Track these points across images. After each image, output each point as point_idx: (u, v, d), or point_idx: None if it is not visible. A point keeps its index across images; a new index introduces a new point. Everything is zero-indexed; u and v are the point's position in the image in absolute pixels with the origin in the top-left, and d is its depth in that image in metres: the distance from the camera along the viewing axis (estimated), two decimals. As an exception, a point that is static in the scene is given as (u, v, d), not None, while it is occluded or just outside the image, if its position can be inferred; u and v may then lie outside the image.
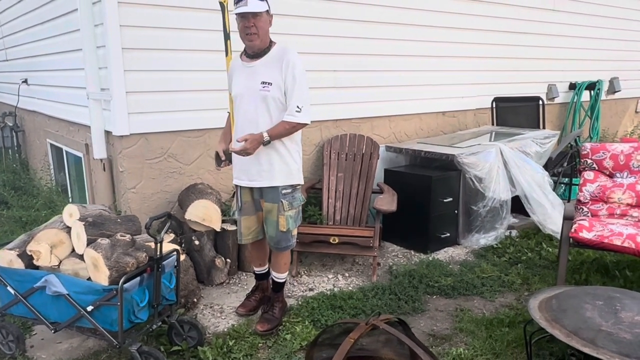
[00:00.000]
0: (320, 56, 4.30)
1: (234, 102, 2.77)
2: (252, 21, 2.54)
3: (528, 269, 3.81)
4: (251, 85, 2.67)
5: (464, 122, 5.61)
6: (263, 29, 2.60)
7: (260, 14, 2.56)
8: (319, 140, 4.48)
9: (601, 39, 6.94)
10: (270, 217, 2.85)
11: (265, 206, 2.85)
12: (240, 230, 2.97)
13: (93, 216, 2.62)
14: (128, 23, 3.30)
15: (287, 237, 2.90)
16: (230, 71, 2.81)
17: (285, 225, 2.83)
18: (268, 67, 2.66)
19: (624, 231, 3.11)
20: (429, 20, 4.96)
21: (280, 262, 3.02)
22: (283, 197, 2.80)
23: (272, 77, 2.64)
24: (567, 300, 2.43)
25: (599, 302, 2.33)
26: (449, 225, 4.27)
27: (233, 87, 2.76)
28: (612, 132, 7.65)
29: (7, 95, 6.45)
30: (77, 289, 2.51)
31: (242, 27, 2.58)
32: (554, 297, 2.55)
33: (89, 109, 3.60)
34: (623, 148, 3.67)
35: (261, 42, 2.64)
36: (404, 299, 3.34)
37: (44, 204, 4.73)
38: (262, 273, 3.21)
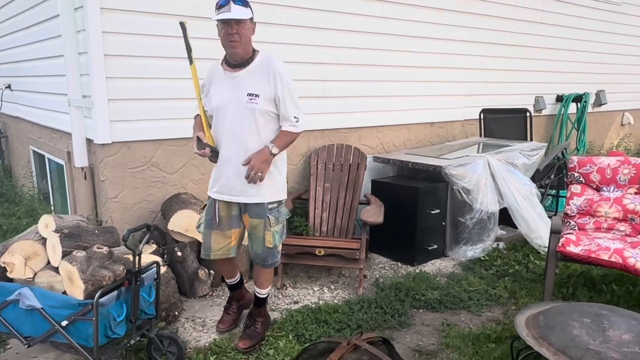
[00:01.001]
0: (307, 65, 4.25)
1: (215, 113, 2.64)
2: (235, 28, 2.43)
3: (515, 282, 3.76)
4: (236, 97, 2.54)
5: (452, 133, 5.59)
6: (246, 37, 2.49)
7: (244, 22, 2.45)
8: (306, 150, 4.41)
9: (588, 52, 6.99)
10: (256, 233, 2.74)
11: (251, 222, 2.72)
12: (209, 245, 2.79)
13: (69, 227, 2.53)
14: (110, 29, 3.22)
15: (273, 254, 2.80)
16: (207, 80, 2.69)
17: (272, 242, 2.73)
18: (254, 78, 2.55)
19: (611, 245, 3.08)
20: (417, 31, 4.94)
21: (262, 278, 2.92)
22: (269, 212, 2.70)
23: (259, 89, 2.53)
24: (555, 317, 2.39)
25: (586, 319, 2.28)
26: (436, 237, 4.22)
27: (213, 97, 2.63)
28: (598, 145, 7.68)
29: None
30: (52, 303, 2.42)
31: (224, 34, 2.46)
32: (542, 313, 2.51)
33: (70, 116, 3.51)
34: (610, 162, 3.65)
35: (244, 51, 2.52)
36: (390, 313, 3.27)
37: (25, 212, 4.62)
38: (234, 284, 3.09)
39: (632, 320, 2.26)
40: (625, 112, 8.17)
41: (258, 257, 2.80)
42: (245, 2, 2.45)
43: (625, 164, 3.58)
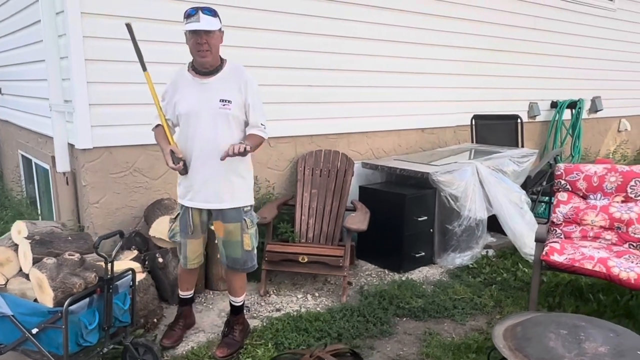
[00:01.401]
0: (295, 71, 4.23)
1: (184, 119, 2.60)
2: (204, 38, 2.45)
3: (502, 290, 3.71)
4: (208, 102, 2.54)
5: (444, 139, 5.55)
6: (215, 47, 2.52)
7: (213, 32, 2.47)
8: (293, 156, 4.38)
9: (583, 58, 6.94)
10: (233, 238, 2.71)
11: (226, 227, 2.69)
12: (186, 254, 2.80)
13: (42, 234, 2.50)
14: (91, 34, 3.20)
15: (252, 256, 2.80)
16: (172, 86, 2.66)
17: (250, 244, 2.75)
18: (224, 85, 2.57)
19: (595, 255, 3.02)
20: (407, 37, 4.91)
21: (237, 285, 2.89)
22: (245, 215, 2.72)
23: (231, 95, 2.56)
24: (532, 328, 2.34)
25: (563, 331, 2.24)
26: (424, 244, 4.17)
27: (180, 103, 2.59)
28: (594, 151, 7.62)
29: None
30: (22, 310, 2.38)
31: (193, 44, 2.47)
32: (520, 324, 2.46)
33: (52, 120, 3.49)
34: (597, 169, 3.60)
35: (213, 59, 2.54)
36: (372, 322, 3.22)
37: (12, 216, 4.59)
38: (187, 298, 3.06)
39: (610, 332, 2.22)
40: (622, 119, 8.11)
41: (237, 263, 2.76)
42: (213, 12, 2.48)
43: (612, 172, 3.53)
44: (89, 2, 3.19)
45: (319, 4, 4.24)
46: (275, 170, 4.32)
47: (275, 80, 4.13)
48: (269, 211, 3.77)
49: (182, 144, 2.63)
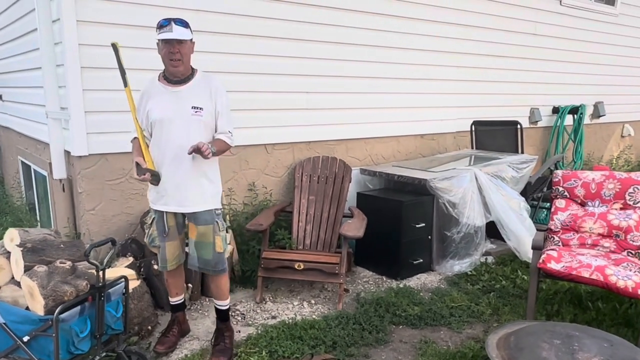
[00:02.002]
0: (293, 77, 4.23)
1: (157, 126, 2.63)
2: (176, 47, 2.52)
3: (500, 298, 3.67)
4: (181, 109, 2.60)
5: (444, 144, 5.52)
6: (187, 56, 2.59)
7: (185, 42, 2.54)
8: (291, 162, 4.37)
9: (585, 64, 6.91)
10: (205, 239, 2.74)
11: (199, 229, 2.73)
12: (165, 257, 2.84)
13: (34, 241, 2.50)
14: (87, 42, 3.22)
15: (223, 259, 2.83)
16: (145, 96, 2.69)
17: (222, 246, 2.79)
18: (196, 92, 2.63)
19: (593, 262, 2.98)
20: (406, 43, 4.90)
21: (221, 288, 2.90)
22: (217, 217, 2.76)
23: (202, 103, 2.62)
24: (525, 338, 2.32)
25: (556, 340, 2.22)
26: (421, 251, 4.14)
27: (153, 111, 2.62)
28: (597, 157, 7.57)
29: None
30: (14, 318, 2.39)
31: (166, 53, 2.54)
32: (513, 333, 2.45)
33: (48, 128, 3.51)
34: (595, 176, 3.57)
35: (185, 68, 2.61)
36: (368, 329, 3.20)
37: (12, 222, 4.61)
38: (179, 303, 3.07)
39: (604, 342, 2.19)
40: (625, 124, 8.06)
41: (208, 264, 2.79)
42: (185, 24, 2.55)
43: (610, 179, 3.50)
44: (85, 11, 3.21)
45: (318, 11, 4.24)
46: (272, 177, 4.32)
47: (272, 87, 4.14)
48: (266, 218, 3.76)
49: (155, 151, 2.66)
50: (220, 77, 3.61)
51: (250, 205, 4.17)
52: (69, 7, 3.16)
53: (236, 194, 4.11)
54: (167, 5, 3.48)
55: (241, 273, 3.85)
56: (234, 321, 3.32)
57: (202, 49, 3.64)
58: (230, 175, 4.07)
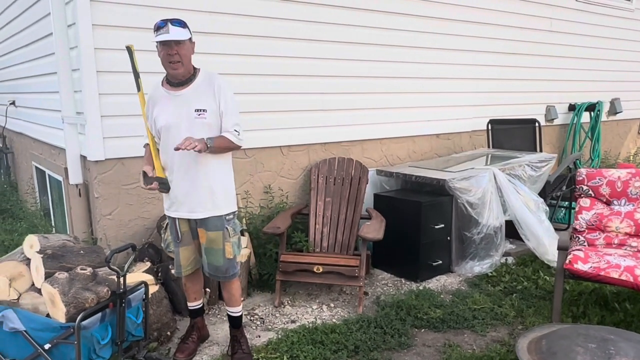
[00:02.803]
0: (307, 78, 4.20)
1: (164, 132, 2.59)
2: (175, 49, 2.45)
3: (523, 299, 3.61)
4: (184, 114, 2.54)
5: (459, 144, 5.47)
6: (186, 57, 2.51)
7: (183, 42, 2.48)
8: (307, 164, 4.34)
9: (601, 60, 6.83)
10: (215, 246, 2.69)
11: (209, 235, 2.68)
12: (179, 262, 2.80)
13: (54, 248, 2.48)
14: (103, 46, 3.21)
15: (233, 264, 2.78)
16: (151, 102, 2.65)
17: (232, 252, 2.73)
18: (199, 94, 2.57)
19: (622, 263, 2.91)
20: (421, 42, 4.86)
21: (233, 295, 2.86)
22: (227, 223, 2.71)
23: (206, 104, 2.55)
24: (558, 342, 2.26)
25: (591, 344, 2.15)
26: (441, 252, 4.09)
27: (160, 117, 2.59)
28: (614, 154, 7.46)
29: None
30: (35, 326, 2.37)
31: (164, 55, 2.48)
32: (544, 337, 2.38)
33: (64, 133, 3.50)
34: (620, 174, 3.50)
35: (185, 70, 2.54)
36: (390, 333, 3.15)
37: (27, 228, 4.61)
38: (197, 309, 3.03)
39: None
40: (642, 120, 7.95)
41: (219, 270, 2.75)
42: (182, 23, 2.49)
43: (636, 177, 3.43)
44: (100, 15, 3.20)
45: (332, 11, 4.22)
46: (288, 179, 4.29)
47: (287, 89, 4.12)
48: (283, 221, 3.72)
49: (163, 157, 2.64)
50: (234, 79, 3.63)
51: (266, 208, 4.14)
52: (85, 11, 3.15)
53: (252, 197, 4.09)
54: (181, 7, 3.47)
55: (258, 277, 3.82)
56: (253, 325, 3.29)
57: (217, 51, 3.65)
58: (246, 178, 4.05)
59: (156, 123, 2.61)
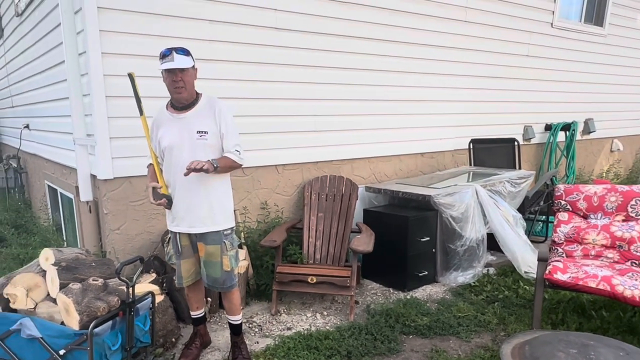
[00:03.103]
0: (301, 101, 4.32)
1: (167, 152, 2.68)
2: (179, 76, 2.54)
3: (505, 307, 3.69)
4: (187, 135, 2.63)
5: (443, 162, 5.59)
6: (190, 83, 2.61)
7: (187, 69, 2.57)
8: (301, 181, 4.44)
9: (576, 82, 7.00)
10: (213, 259, 2.75)
11: (207, 249, 2.74)
12: (180, 274, 2.86)
13: (68, 260, 2.55)
14: (111, 72, 3.31)
15: (231, 277, 2.83)
16: (155, 124, 2.75)
17: (229, 265, 2.78)
18: (201, 117, 2.65)
19: (599, 273, 2.98)
20: (406, 67, 5.00)
21: (233, 303, 2.92)
22: (225, 237, 2.77)
23: (207, 126, 2.64)
24: (541, 347, 2.29)
25: (572, 350, 2.18)
26: (427, 263, 4.18)
27: (163, 138, 2.68)
28: (588, 171, 7.62)
29: (12, 139, 6.50)
30: (50, 333, 2.43)
31: (169, 82, 2.57)
32: (527, 342, 2.41)
33: (76, 153, 3.58)
34: (597, 189, 3.61)
35: (188, 95, 2.63)
36: (380, 339, 3.22)
37: (40, 242, 4.66)
38: (200, 317, 3.09)
39: (620, 351, 2.16)
40: (614, 139, 8.12)
41: (217, 282, 2.79)
42: (186, 52, 2.58)
43: (612, 192, 3.53)
44: (109, 44, 3.31)
45: (324, 39, 4.34)
46: (283, 196, 4.38)
47: (282, 111, 4.22)
48: (278, 234, 3.81)
49: (166, 175, 2.70)
50: (232, 103, 3.74)
51: (263, 222, 4.22)
52: (95, 40, 3.25)
53: (250, 212, 4.17)
54: (184, 36, 3.58)
55: (256, 287, 3.89)
56: (252, 332, 3.35)
57: (216, 77, 3.75)
58: (244, 195, 4.14)
59: (160, 144, 2.69)
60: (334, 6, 4.34)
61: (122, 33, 3.36)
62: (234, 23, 3.83)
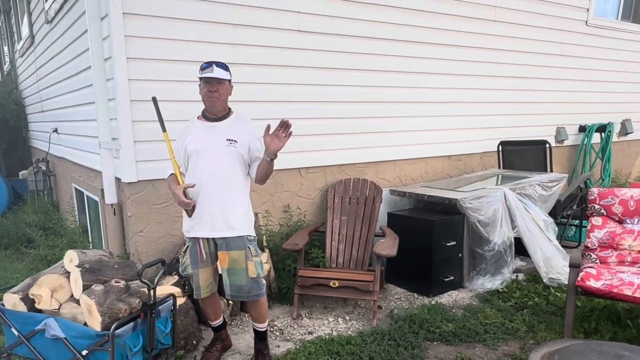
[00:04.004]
0: (324, 104, 4.32)
1: (193, 156, 2.72)
2: (215, 87, 2.65)
3: (534, 315, 3.59)
4: (216, 141, 2.70)
5: (470, 165, 5.50)
6: (224, 95, 2.71)
7: (224, 82, 2.68)
8: (324, 184, 4.44)
9: (612, 82, 6.79)
10: (237, 265, 2.73)
11: (231, 255, 2.73)
12: (198, 284, 2.81)
13: (91, 262, 2.62)
14: (136, 77, 3.38)
15: (258, 285, 2.79)
16: (184, 133, 2.81)
17: (255, 271, 2.75)
18: (232, 128, 2.74)
19: (635, 280, 2.87)
20: (434, 68, 4.95)
21: (260, 313, 2.91)
22: (249, 242, 2.77)
23: (237, 136, 2.71)
24: (571, 357, 2.20)
25: None
26: (453, 268, 4.11)
27: (191, 143, 2.72)
28: (625, 174, 7.36)
29: (42, 143, 6.73)
30: (73, 333, 2.50)
31: (206, 92, 2.67)
32: (557, 352, 2.33)
33: (101, 157, 3.68)
34: (633, 193, 3.48)
35: (222, 106, 2.73)
36: (403, 345, 3.18)
37: (67, 244, 4.80)
38: (219, 325, 3.09)
39: (657, 363, 2.09)
40: (654, 141, 7.83)
41: (242, 290, 2.75)
42: (225, 67, 2.68)
43: (648, 196, 3.41)
44: (133, 49, 3.38)
45: (346, 41, 4.34)
46: (306, 199, 4.39)
47: (305, 114, 4.22)
48: (301, 238, 3.81)
49: (190, 180, 2.74)
50: (255, 106, 3.78)
51: (285, 225, 4.24)
52: (120, 46, 3.33)
53: (272, 216, 4.19)
54: (208, 40, 3.64)
55: (278, 290, 3.91)
56: (273, 336, 3.36)
57: (240, 80, 3.77)
58: (267, 198, 4.16)
59: (186, 149, 2.74)
60: (356, 8, 4.33)
61: (146, 38, 3.43)
62: (255, 26, 3.87)
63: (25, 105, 8.12)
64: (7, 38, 9.54)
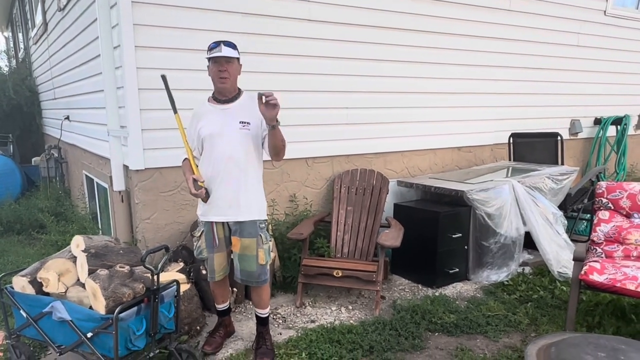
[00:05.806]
0: (332, 94, 4.34)
1: (207, 141, 2.75)
2: (225, 66, 2.64)
3: (538, 308, 3.61)
4: (229, 124, 2.71)
5: (481, 157, 5.48)
6: (233, 75, 2.71)
7: (232, 60, 2.67)
8: (330, 174, 4.47)
9: (629, 74, 6.67)
10: (248, 252, 2.81)
11: (243, 242, 2.80)
12: (213, 268, 2.91)
13: (97, 247, 2.69)
14: (144, 65, 3.44)
15: (265, 270, 2.88)
16: (196, 117, 2.83)
17: (264, 258, 2.83)
18: (243, 110, 2.74)
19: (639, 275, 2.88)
20: (444, 58, 4.93)
21: (262, 298, 2.98)
22: (261, 230, 2.83)
23: (249, 118, 2.72)
24: (567, 350, 2.23)
25: (601, 353, 2.12)
26: (458, 260, 4.13)
27: (205, 127, 2.75)
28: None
29: (54, 130, 6.88)
30: (79, 316, 2.57)
31: (215, 71, 2.67)
32: (554, 344, 2.36)
33: (109, 144, 3.76)
34: (641, 187, 3.46)
35: (231, 86, 2.73)
36: (404, 335, 3.22)
37: (77, 229, 4.92)
38: (225, 309, 3.17)
39: (654, 356, 2.10)
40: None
41: (252, 276, 2.85)
42: (233, 45, 2.68)
43: (657, 190, 3.38)
44: (142, 37, 3.44)
45: (357, 30, 4.34)
46: (312, 189, 4.43)
47: (313, 104, 4.26)
48: (306, 227, 3.86)
49: (205, 165, 2.78)
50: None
51: (291, 215, 4.29)
52: (129, 34, 3.39)
53: (278, 205, 4.25)
54: (217, 29, 3.67)
55: (282, 279, 3.97)
56: (275, 324, 3.43)
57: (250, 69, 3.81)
58: (273, 187, 4.21)
59: (200, 134, 2.77)
60: (366, -4, 4.33)
61: (154, 26, 3.48)
62: (266, 15, 3.89)
63: (39, 92, 8.28)
64: (22, 25, 9.70)
